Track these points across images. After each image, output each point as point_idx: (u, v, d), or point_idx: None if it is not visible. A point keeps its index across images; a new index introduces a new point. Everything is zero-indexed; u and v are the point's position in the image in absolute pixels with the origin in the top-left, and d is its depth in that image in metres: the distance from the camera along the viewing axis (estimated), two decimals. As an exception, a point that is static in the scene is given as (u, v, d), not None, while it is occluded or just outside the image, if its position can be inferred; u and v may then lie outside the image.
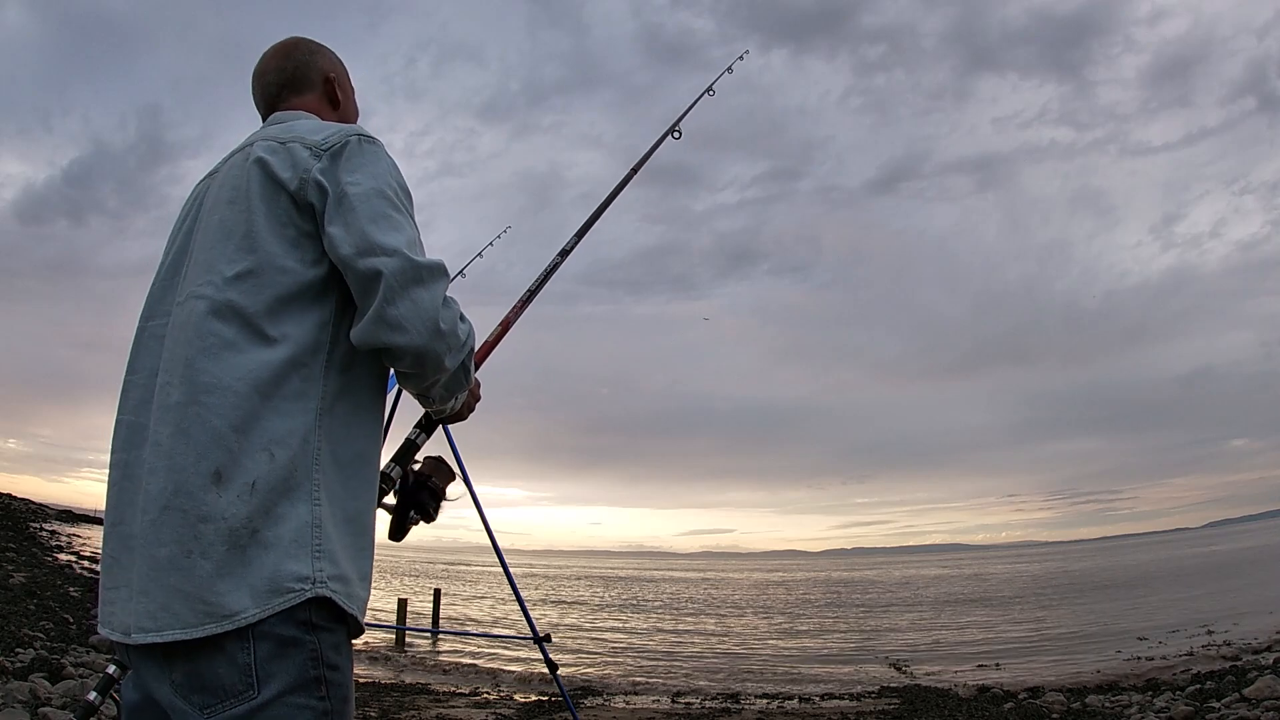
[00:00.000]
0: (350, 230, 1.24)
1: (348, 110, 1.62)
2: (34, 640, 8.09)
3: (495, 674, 12.89)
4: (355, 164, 1.29)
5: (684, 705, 10.03)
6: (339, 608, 1.20)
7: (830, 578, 70.92)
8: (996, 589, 41.59)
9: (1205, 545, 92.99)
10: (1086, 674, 11.76)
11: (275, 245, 1.26)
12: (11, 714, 4.94)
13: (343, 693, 1.19)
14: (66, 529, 41.62)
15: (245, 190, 1.29)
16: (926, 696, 10.12)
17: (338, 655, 1.20)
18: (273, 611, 1.13)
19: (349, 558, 1.23)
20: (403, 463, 1.64)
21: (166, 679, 1.15)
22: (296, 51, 1.58)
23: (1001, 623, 22.77)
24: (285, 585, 1.14)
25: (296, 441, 1.20)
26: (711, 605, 35.26)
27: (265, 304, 1.23)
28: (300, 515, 1.18)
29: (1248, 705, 7.13)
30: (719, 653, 17.57)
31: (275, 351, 1.22)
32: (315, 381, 1.24)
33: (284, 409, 1.20)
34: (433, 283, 1.26)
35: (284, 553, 1.15)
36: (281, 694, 1.13)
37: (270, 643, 1.13)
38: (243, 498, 1.14)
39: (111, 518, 1.27)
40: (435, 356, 1.28)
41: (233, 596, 1.12)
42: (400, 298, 1.23)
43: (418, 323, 1.24)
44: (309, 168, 1.28)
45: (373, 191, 1.27)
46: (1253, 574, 33.71)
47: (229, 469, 1.15)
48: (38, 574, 15.73)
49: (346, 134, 1.32)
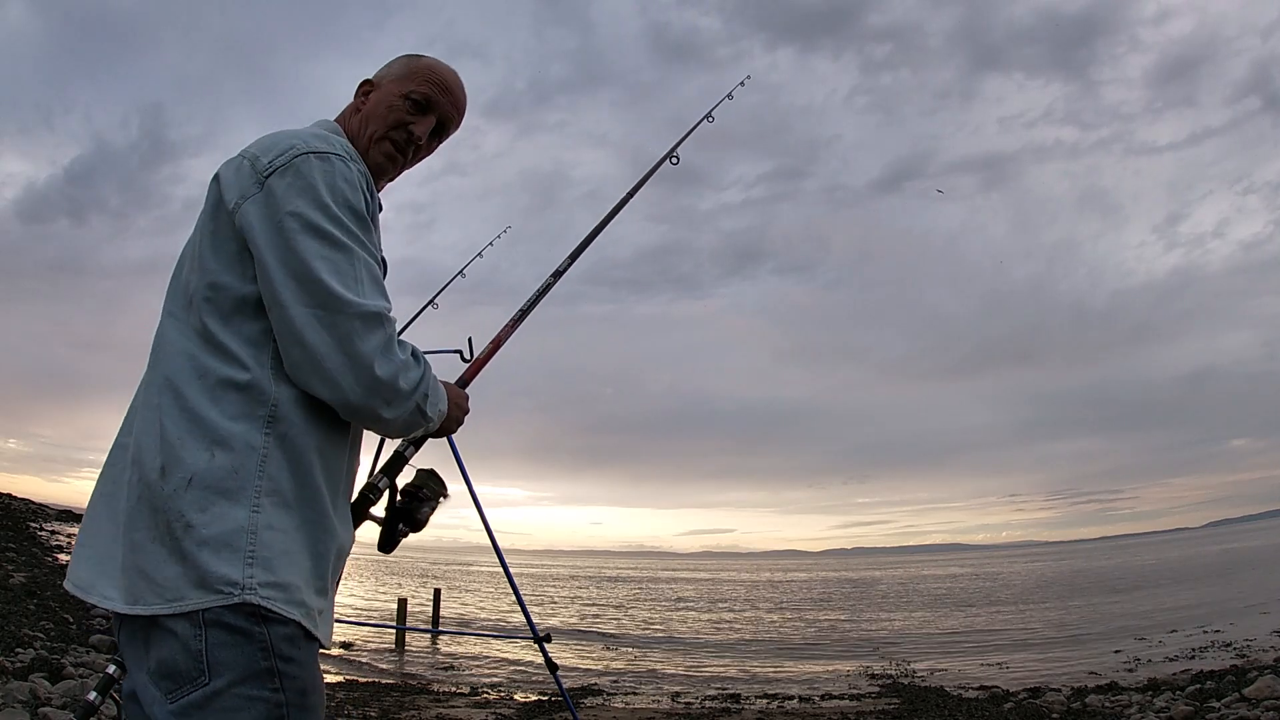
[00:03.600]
0: (282, 271, 1.23)
1: (371, 113, 1.55)
2: (34, 640, 8.09)
3: (495, 674, 12.90)
4: (294, 190, 1.25)
5: (684, 705, 10.03)
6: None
7: (830, 577, 70.90)
8: (997, 589, 41.60)
9: (1205, 545, 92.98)
10: (1086, 674, 11.76)
11: (214, 260, 1.29)
12: (11, 714, 4.94)
13: (300, 685, 1.19)
14: (66, 529, 41.58)
15: (204, 206, 1.36)
16: (926, 696, 10.12)
17: (293, 648, 1.19)
18: (203, 606, 1.15)
19: (292, 566, 1.21)
20: (391, 475, 1.61)
21: (144, 664, 1.20)
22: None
23: (1002, 622, 22.77)
24: (213, 585, 1.16)
25: (240, 445, 1.21)
26: (711, 605, 35.26)
27: (210, 319, 1.27)
28: (236, 518, 1.18)
29: (1248, 705, 7.13)
30: (719, 653, 17.57)
31: (224, 361, 1.25)
32: (265, 390, 1.24)
33: (229, 413, 1.22)
34: (367, 334, 1.23)
35: (216, 553, 1.17)
36: (232, 684, 1.15)
37: (220, 631, 1.15)
38: (179, 491, 1.18)
39: (97, 488, 1.33)
40: (370, 411, 1.26)
41: (173, 584, 1.16)
42: (330, 352, 1.21)
43: (349, 378, 1.22)
44: (245, 194, 1.27)
45: (310, 229, 1.23)
46: (1253, 574, 33.71)
47: (171, 463, 1.20)
48: (38, 574, 15.72)
49: (295, 152, 1.29)
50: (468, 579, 53.35)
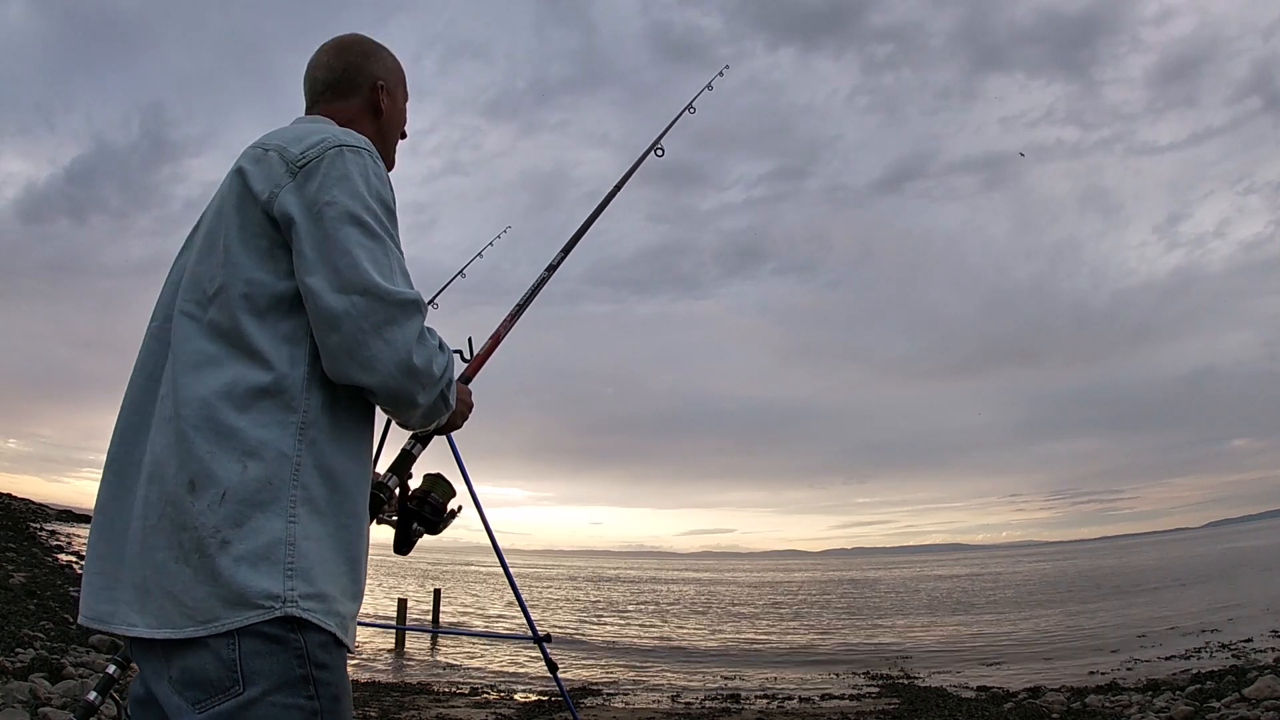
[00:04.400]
0: (321, 260, 1.21)
1: (392, 118, 1.57)
2: (34, 640, 8.08)
3: (495, 674, 12.90)
4: (330, 180, 1.24)
5: (684, 705, 10.02)
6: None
7: (830, 578, 70.89)
8: (997, 589, 41.59)
9: (1205, 545, 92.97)
10: (1086, 674, 11.76)
11: (245, 256, 1.24)
12: (11, 714, 4.94)
13: (333, 691, 1.18)
14: (66, 529, 41.57)
15: (225, 203, 1.29)
16: (926, 696, 10.13)
17: (326, 654, 1.18)
18: (244, 624, 1.12)
19: (329, 575, 1.21)
20: (400, 473, 1.62)
21: (165, 676, 1.17)
22: (350, 51, 1.53)
23: (1001, 622, 22.77)
24: (254, 601, 1.13)
25: (272, 455, 1.18)
26: (711, 605, 35.25)
27: (240, 316, 1.22)
28: (274, 530, 1.16)
29: (1248, 705, 7.13)
30: (719, 652, 17.57)
31: (254, 363, 1.21)
32: (296, 395, 1.22)
33: (260, 421, 1.19)
34: (405, 321, 1.23)
35: (254, 567, 1.14)
36: (267, 692, 1.13)
37: (255, 640, 1.13)
38: (212, 507, 1.14)
39: (101, 513, 1.27)
40: (408, 395, 1.26)
41: (207, 605, 1.12)
42: (371, 338, 1.20)
43: (389, 364, 1.21)
44: (280, 184, 1.25)
45: (347, 217, 1.23)
46: (1253, 574, 33.71)
47: (201, 479, 1.16)
48: (38, 574, 15.72)
49: (327, 145, 1.28)
50: (468, 579, 53.34)
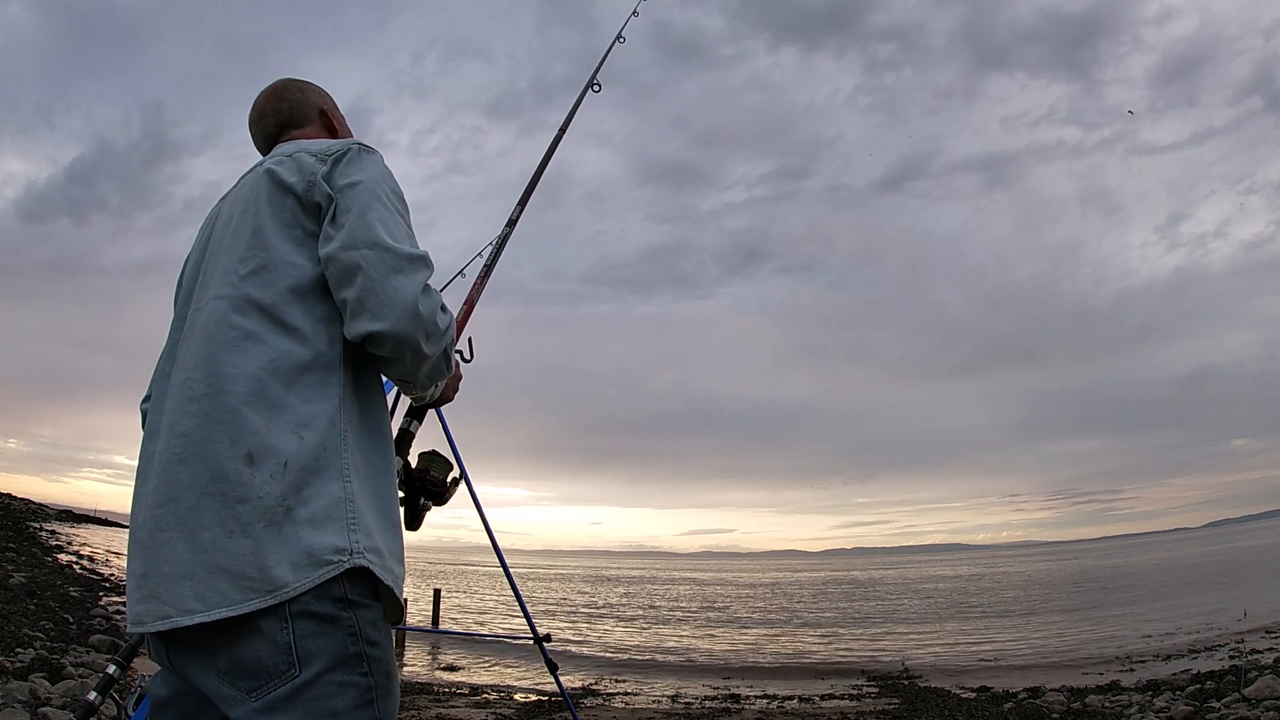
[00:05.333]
0: (340, 228, 1.31)
1: (344, 136, 1.69)
2: (34, 640, 8.09)
3: (495, 674, 12.90)
4: (355, 167, 1.37)
5: (684, 705, 10.03)
6: (374, 581, 1.24)
7: (830, 577, 70.92)
8: (997, 589, 41.60)
9: (1205, 545, 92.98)
10: (1086, 674, 11.76)
11: (282, 243, 1.33)
12: (11, 714, 4.94)
13: (385, 668, 1.22)
14: (66, 529, 41.63)
15: (254, 199, 1.37)
16: (926, 696, 10.13)
17: (376, 631, 1.23)
18: (316, 583, 1.16)
19: (381, 532, 1.27)
20: (402, 451, 1.69)
21: (212, 668, 1.18)
22: (287, 92, 1.66)
23: (1001, 622, 22.78)
24: (324, 557, 1.18)
25: (323, 424, 1.25)
26: (711, 605, 35.25)
27: (280, 295, 1.29)
28: (332, 492, 1.22)
29: (1248, 705, 7.13)
30: (719, 652, 17.57)
31: (295, 339, 1.28)
32: (335, 369, 1.30)
33: (308, 394, 1.26)
34: (412, 271, 1.31)
35: (319, 527, 1.19)
36: (323, 672, 1.15)
37: (308, 621, 1.16)
38: (276, 477, 1.19)
39: (131, 512, 1.31)
40: (414, 342, 1.31)
41: (276, 570, 1.15)
42: (379, 285, 1.27)
43: (396, 309, 1.28)
44: (315, 170, 1.36)
45: (365, 189, 1.34)
46: (1252, 574, 33.72)
47: (260, 451, 1.20)
48: (38, 574, 15.74)
49: (349, 143, 1.42)
50: (468, 579, 53.36)
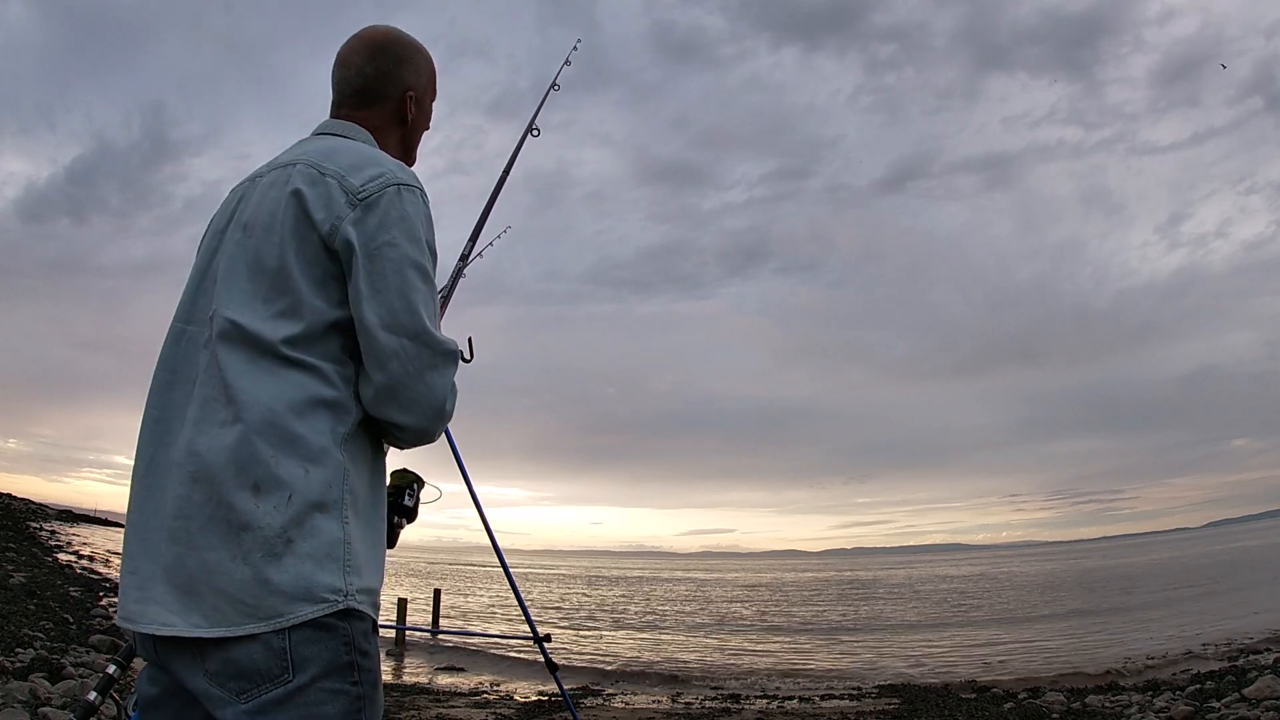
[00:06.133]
0: (378, 298, 1.28)
1: (416, 129, 1.58)
2: (34, 640, 8.09)
3: (495, 674, 12.90)
4: (391, 220, 1.30)
5: (684, 705, 10.03)
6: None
7: (830, 578, 70.92)
8: (997, 589, 41.60)
9: (1205, 545, 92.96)
10: (1086, 674, 11.76)
11: (305, 284, 1.29)
12: (11, 714, 4.94)
13: (373, 678, 1.26)
14: (66, 529, 41.64)
15: (279, 221, 1.31)
16: (926, 696, 10.13)
17: (367, 642, 1.25)
18: (309, 618, 1.18)
19: (372, 570, 1.29)
20: None
21: (200, 669, 1.19)
22: (385, 56, 1.52)
23: (1002, 622, 22.78)
24: (319, 595, 1.19)
25: (330, 460, 1.25)
26: (711, 605, 35.26)
27: (299, 334, 1.28)
28: (332, 530, 1.23)
29: (1248, 705, 7.14)
30: (719, 653, 17.57)
31: (310, 376, 1.27)
32: (347, 407, 1.30)
33: (318, 429, 1.26)
34: (445, 369, 1.33)
35: (319, 564, 1.21)
36: (316, 678, 1.18)
37: (306, 628, 1.18)
38: (279, 509, 1.20)
39: (136, 512, 1.30)
40: (431, 436, 1.37)
41: (272, 600, 1.17)
42: (416, 381, 1.29)
43: (425, 407, 1.31)
44: (343, 216, 1.29)
45: (405, 260, 1.29)
46: (1253, 574, 33.72)
47: (266, 482, 1.21)
48: (38, 574, 15.75)
49: (387, 182, 1.32)
50: (468, 579, 53.37)
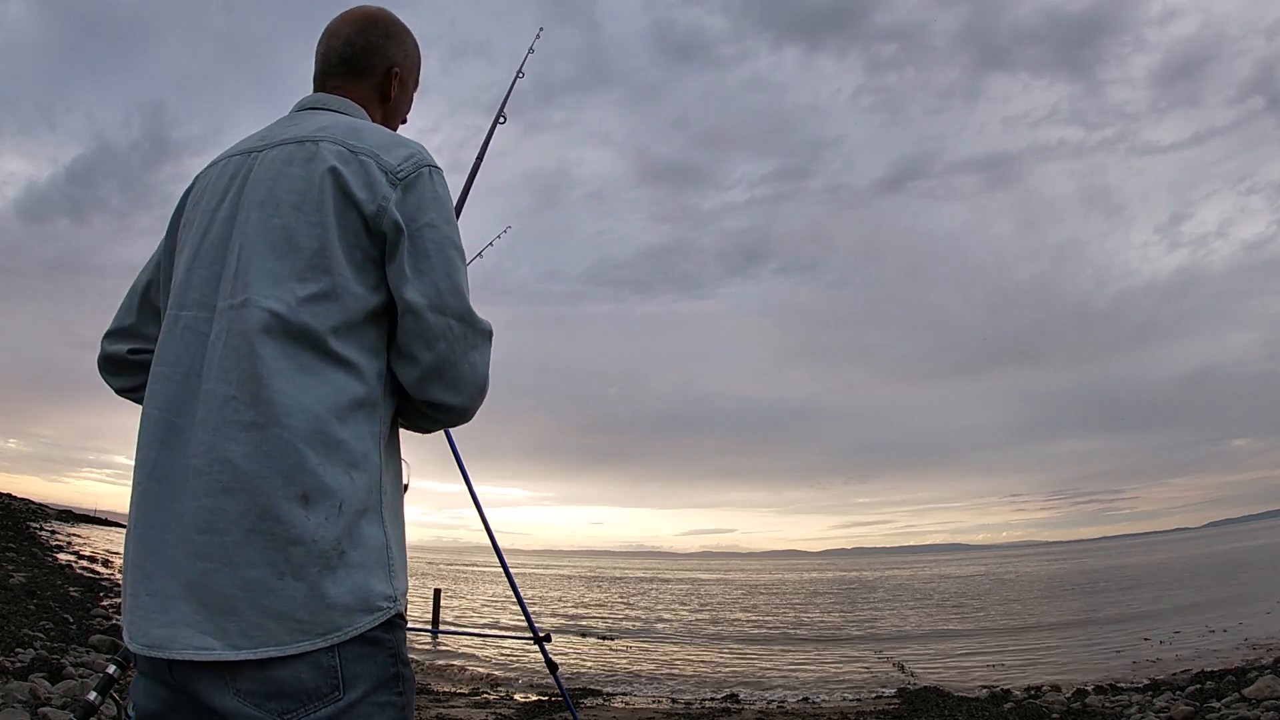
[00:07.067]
0: (424, 279, 1.25)
1: (397, 107, 1.54)
2: (34, 640, 8.09)
3: (495, 674, 12.90)
4: (429, 200, 1.28)
5: (684, 705, 10.03)
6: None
7: (830, 578, 70.95)
8: (997, 589, 41.61)
9: (1205, 545, 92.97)
10: (1087, 674, 11.76)
11: (347, 268, 1.22)
12: (11, 714, 4.94)
13: (413, 687, 1.25)
14: (66, 529, 41.63)
15: (317, 201, 1.23)
16: (926, 696, 10.12)
17: (406, 650, 1.26)
18: (367, 628, 1.15)
19: (404, 570, 1.28)
20: None
21: (229, 689, 1.11)
22: (374, 30, 1.48)
23: (1002, 622, 22.79)
24: (374, 604, 1.16)
25: (371, 465, 1.22)
26: (711, 605, 35.26)
27: (335, 327, 1.20)
28: (376, 536, 1.20)
29: (1248, 705, 7.14)
30: (719, 653, 17.58)
31: (349, 373, 1.21)
32: (380, 405, 1.25)
33: (359, 431, 1.21)
34: (485, 347, 1.32)
35: (370, 572, 1.17)
36: (367, 694, 1.15)
37: (357, 644, 1.14)
38: (331, 520, 1.14)
39: (145, 525, 1.19)
40: (470, 414, 1.35)
41: (331, 614, 1.12)
42: (461, 360, 1.28)
43: (470, 386, 1.30)
44: (388, 196, 1.24)
45: (447, 241, 1.29)
46: (1252, 574, 33.73)
47: (316, 492, 1.14)
48: (38, 574, 15.74)
49: (419, 162, 1.29)
50: (468, 579, 53.37)
